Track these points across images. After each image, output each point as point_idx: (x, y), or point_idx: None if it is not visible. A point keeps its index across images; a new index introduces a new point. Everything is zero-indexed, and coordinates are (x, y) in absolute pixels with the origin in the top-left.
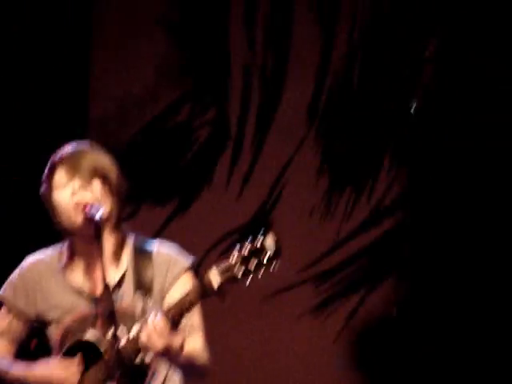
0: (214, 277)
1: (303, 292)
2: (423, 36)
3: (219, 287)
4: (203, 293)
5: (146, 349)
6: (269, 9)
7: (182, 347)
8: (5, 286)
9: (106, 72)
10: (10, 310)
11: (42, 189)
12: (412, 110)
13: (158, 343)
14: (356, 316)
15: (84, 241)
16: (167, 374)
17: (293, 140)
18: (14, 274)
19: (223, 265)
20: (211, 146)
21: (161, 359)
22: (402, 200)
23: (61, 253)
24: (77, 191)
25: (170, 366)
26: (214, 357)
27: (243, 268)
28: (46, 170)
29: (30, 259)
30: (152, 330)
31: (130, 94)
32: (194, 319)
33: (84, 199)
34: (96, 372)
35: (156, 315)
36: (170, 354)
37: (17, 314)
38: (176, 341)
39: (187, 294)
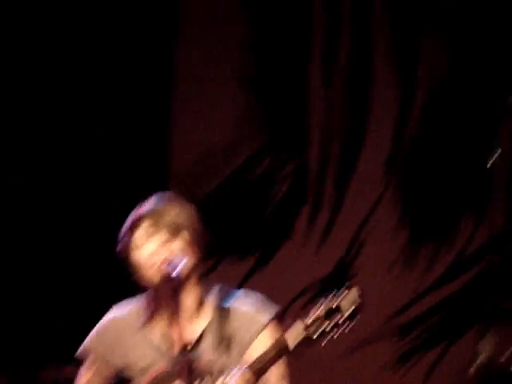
0: (290, 337)
1: (384, 346)
2: (502, 90)
3: (295, 348)
4: (279, 353)
5: None
6: (347, 59)
7: None
8: (89, 338)
9: (187, 124)
10: (92, 363)
11: (120, 246)
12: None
13: None
14: (437, 370)
15: (164, 296)
16: None
17: (372, 193)
18: (98, 328)
19: (299, 325)
20: (291, 198)
21: None
22: (482, 252)
23: (142, 308)
24: (156, 250)
25: None
26: None
27: (319, 329)
28: (126, 228)
29: (113, 314)
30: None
31: (211, 147)
32: (278, 372)
33: (163, 257)
34: None
35: (240, 369)
36: None
37: (98, 367)
38: None
39: (265, 353)
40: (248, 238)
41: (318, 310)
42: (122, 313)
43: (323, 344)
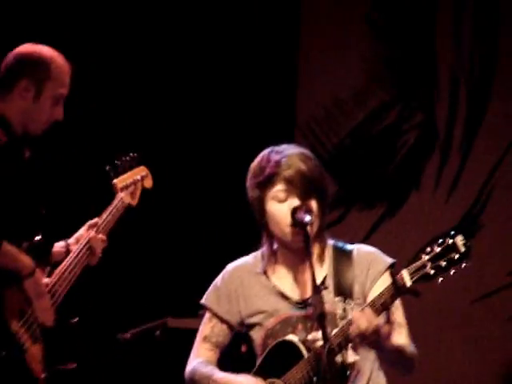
0: (407, 275)
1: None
2: None
3: (412, 285)
4: (397, 291)
5: (356, 336)
6: (475, 6)
7: (389, 335)
8: (208, 292)
9: (314, 77)
10: (213, 316)
11: (254, 193)
12: None
13: (368, 328)
14: None
15: (288, 246)
16: (371, 375)
17: (502, 141)
18: (217, 280)
19: (416, 263)
20: (419, 149)
21: (369, 347)
22: None
23: (262, 257)
24: (295, 210)
25: (374, 367)
26: (424, 357)
27: (435, 266)
28: (262, 178)
29: (233, 265)
30: (360, 315)
31: (337, 99)
32: (397, 315)
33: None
34: (297, 374)
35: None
36: (378, 341)
37: (220, 320)
38: (384, 327)
39: (382, 293)
40: (376, 189)
41: (435, 247)
42: (242, 263)
43: (440, 281)
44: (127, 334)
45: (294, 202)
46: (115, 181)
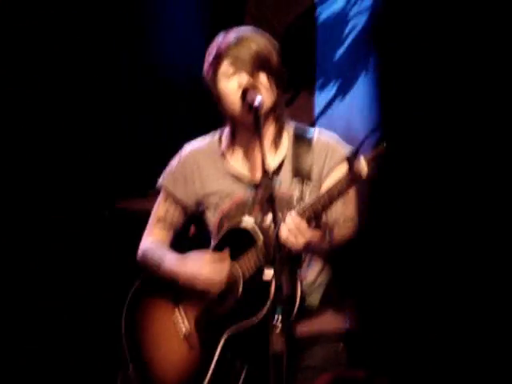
0: (364, 164)
1: None
2: None
3: (368, 175)
4: (353, 180)
5: (287, 246)
6: None
7: (322, 241)
8: (164, 174)
9: None
10: (168, 198)
11: (207, 75)
12: None
13: (298, 241)
14: None
15: (244, 128)
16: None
17: None
18: (173, 162)
19: (372, 154)
20: (367, 38)
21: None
22: None
23: (220, 139)
24: (244, 84)
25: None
26: None
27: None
28: (212, 58)
29: (189, 147)
30: (289, 228)
31: None
32: (349, 208)
33: (249, 88)
34: (250, 258)
35: (292, 214)
36: (311, 250)
37: (175, 201)
38: (316, 236)
39: (338, 182)
40: (325, 73)
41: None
42: (200, 145)
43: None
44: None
45: (242, 76)
46: None
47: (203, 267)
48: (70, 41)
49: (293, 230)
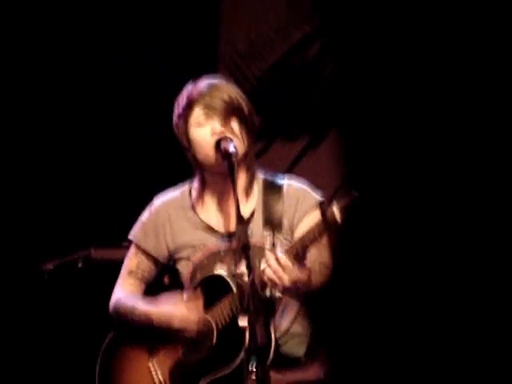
0: (337, 211)
1: None
2: None
3: (343, 221)
4: (327, 227)
5: (273, 283)
6: None
7: (309, 281)
8: (135, 227)
9: (237, 10)
10: (138, 251)
11: (177, 124)
12: None
13: (285, 278)
14: None
15: (215, 177)
16: (298, 311)
17: None
18: (144, 215)
19: (345, 200)
20: (342, 83)
21: (289, 294)
22: None
23: (190, 190)
24: (216, 131)
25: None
26: None
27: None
28: (183, 106)
29: (159, 200)
30: (277, 264)
31: (260, 31)
32: (323, 255)
33: (222, 135)
34: (224, 306)
35: (279, 252)
36: (297, 289)
37: (146, 254)
38: (303, 275)
39: (312, 229)
40: (298, 122)
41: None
42: (170, 197)
43: None
44: (48, 264)
45: (215, 124)
46: None
47: (178, 305)
48: (69, 41)
49: (276, 268)
